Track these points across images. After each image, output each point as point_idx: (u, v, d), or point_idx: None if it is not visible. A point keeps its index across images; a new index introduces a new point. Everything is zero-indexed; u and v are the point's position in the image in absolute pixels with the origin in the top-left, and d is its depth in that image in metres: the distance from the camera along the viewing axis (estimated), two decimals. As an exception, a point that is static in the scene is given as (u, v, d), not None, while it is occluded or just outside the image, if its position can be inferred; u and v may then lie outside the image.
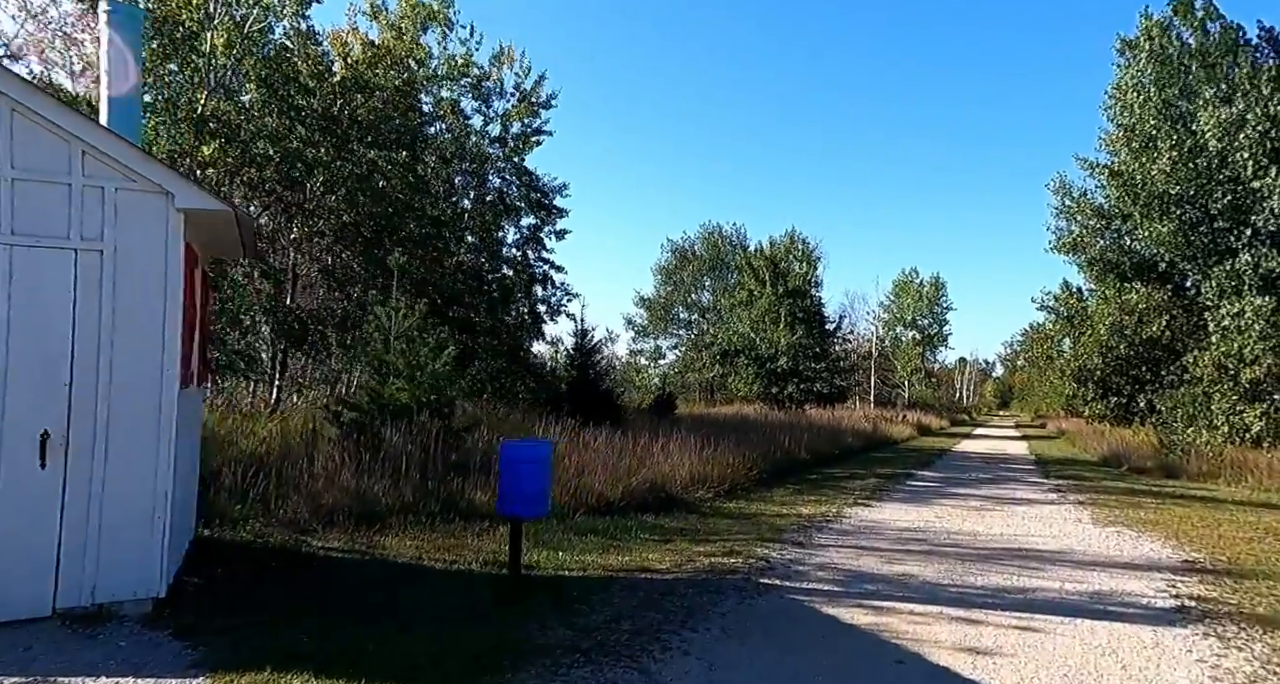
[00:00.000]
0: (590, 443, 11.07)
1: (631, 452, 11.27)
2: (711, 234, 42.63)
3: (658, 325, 43.27)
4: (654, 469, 10.51)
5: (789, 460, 14.74)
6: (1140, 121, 24.99)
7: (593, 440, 11.37)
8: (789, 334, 29.70)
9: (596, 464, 9.70)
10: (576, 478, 9.09)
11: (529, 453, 5.62)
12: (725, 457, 12.30)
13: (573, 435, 11.77)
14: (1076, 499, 11.68)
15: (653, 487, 9.74)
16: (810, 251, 32.17)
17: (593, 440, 11.37)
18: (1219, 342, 22.93)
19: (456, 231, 18.29)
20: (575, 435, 11.81)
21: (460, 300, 17.29)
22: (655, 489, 9.75)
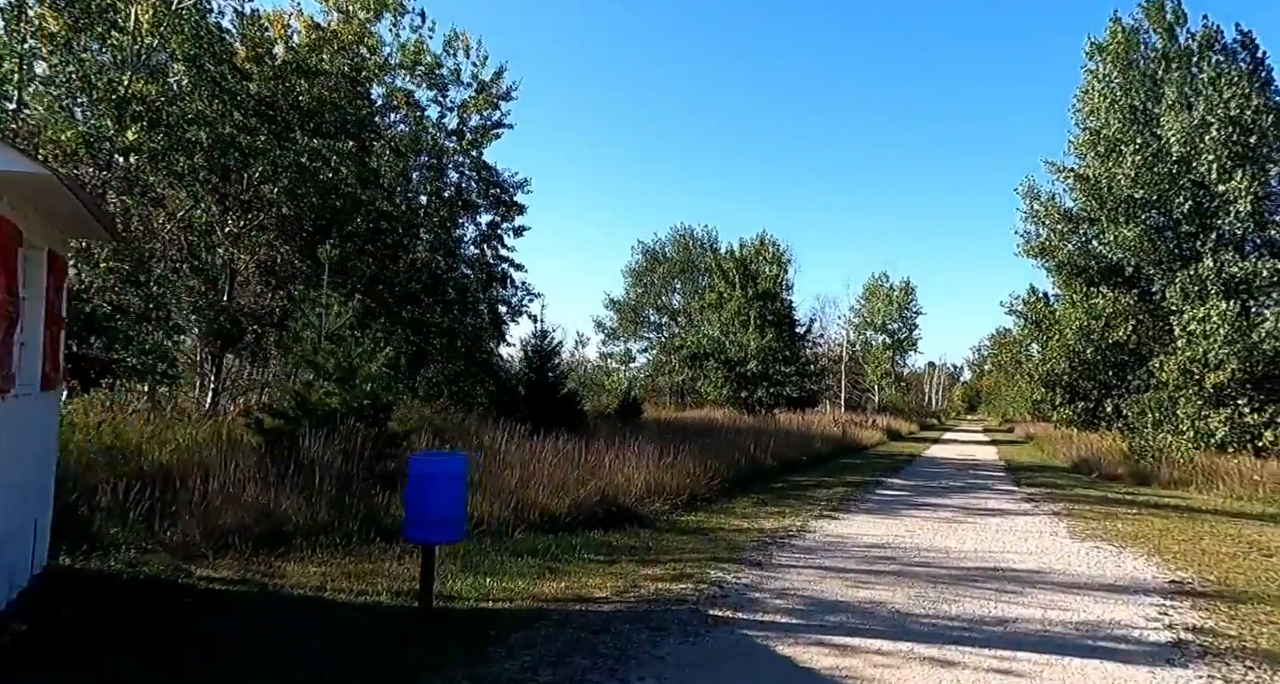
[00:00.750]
0: (538, 451, 10.27)
1: (584, 460, 10.52)
2: (682, 236, 42.04)
3: (628, 328, 42.53)
4: (607, 479, 9.75)
5: (754, 468, 14.07)
6: (1107, 126, 24.81)
7: (542, 448, 10.59)
8: (759, 337, 29.11)
9: (543, 475, 8.91)
10: (519, 490, 8.30)
11: (440, 468, 4.82)
12: (686, 465, 11.59)
13: (523, 443, 10.95)
14: (1051, 510, 11.12)
15: (604, 499, 8.97)
16: (781, 254, 31.67)
17: (542, 448, 10.59)
18: (1184, 346, 22.71)
19: (411, 227, 17.37)
20: (526, 443, 11.00)
21: (413, 300, 16.38)
22: (607, 502, 8.98)
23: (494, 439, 11.11)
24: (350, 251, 15.61)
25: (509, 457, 9.86)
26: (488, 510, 7.70)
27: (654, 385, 43.16)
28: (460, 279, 18.45)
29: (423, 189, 18.30)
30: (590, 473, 9.77)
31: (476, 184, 18.78)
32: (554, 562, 6.74)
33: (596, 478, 9.25)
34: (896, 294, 52.78)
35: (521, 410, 16.32)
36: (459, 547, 6.66)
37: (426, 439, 11.83)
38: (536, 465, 9.48)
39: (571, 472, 9.21)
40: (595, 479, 9.15)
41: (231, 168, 12.53)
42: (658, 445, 12.34)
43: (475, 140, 18.23)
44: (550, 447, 10.99)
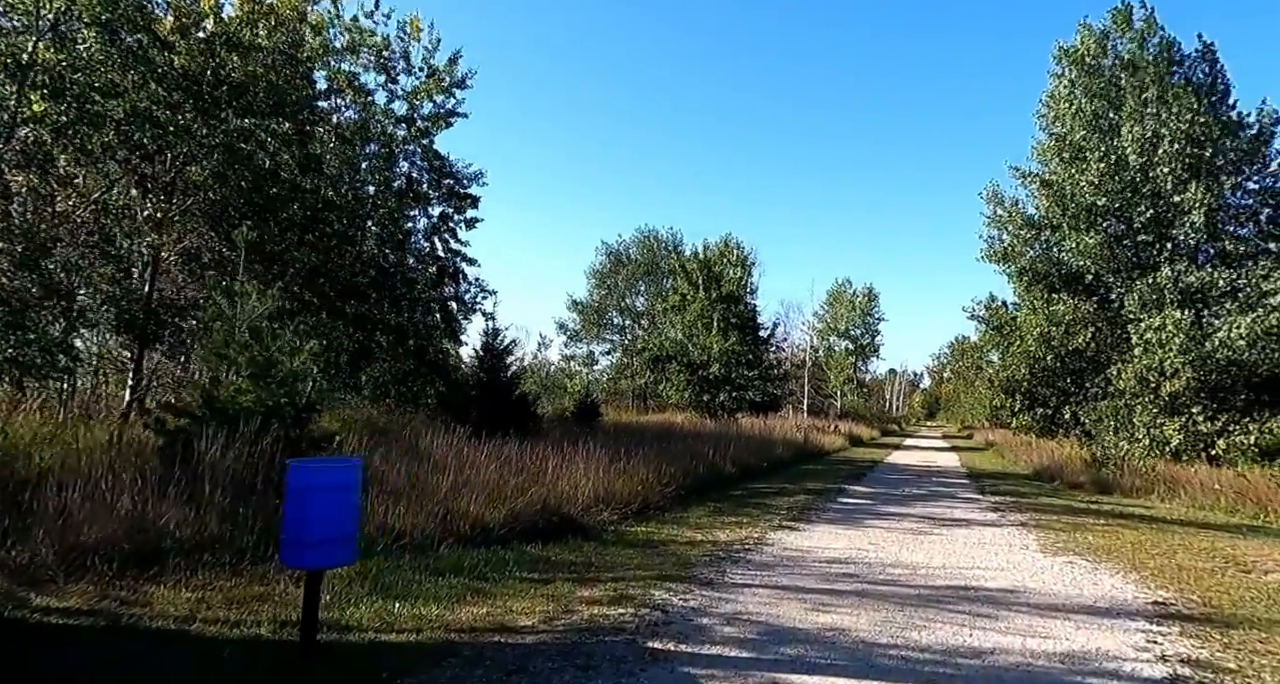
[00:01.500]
0: (479, 456, 9.46)
1: (529, 466, 9.74)
2: (647, 237, 41.36)
3: (590, 330, 41.70)
4: (550, 487, 8.97)
5: (713, 474, 13.40)
6: (1071, 132, 24.76)
7: (484, 453, 9.79)
8: (721, 340, 28.54)
9: (478, 482, 8.10)
10: (450, 499, 7.49)
11: (324, 478, 4.01)
12: (639, 471, 10.86)
13: (465, 446, 10.12)
14: (1018, 520, 10.62)
15: (545, 508, 8.19)
16: (745, 257, 31.16)
17: (484, 453, 9.79)
18: (1141, 355, 22.67)
19: (357, 218, 16.40)
20: (468, 447, 10.17)
21: (357, 294, 15.42)
22: (549, 511, 8.21)
23: (432, 442, 10.26)
24: (291, 241, 14.66)
25: (446, 461, 9.05)
26: (412, 522, 6.88)
27: (616, 389, 42.43)
28: (409, 273, 17.52)
29: (371, 179, 17.31)
30: (534, 480, 8.98)
31: (428, 174, 17.85)
32: (480, 581, 5.95)
33: (539, 485, 8.46)
34: (859, 300, 52.84)
35: (471, 412, 15.48)
36: (370, 565, 5.85)
37: (358, 442, 10.95)
38: (474, 471, 8.68)
39: (512, 478, 8.41)
40: (537, 487, 8.37)
41: (149, 146, 11.50)
42: (611, 450, 11.65)
43: (426, 128, 17.30)
44: (494, 451, 10.22)
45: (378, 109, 17.17)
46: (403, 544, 6.55)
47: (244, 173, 12.80)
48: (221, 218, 12.83)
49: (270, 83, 12.71)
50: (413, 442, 10.78)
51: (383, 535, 6.55)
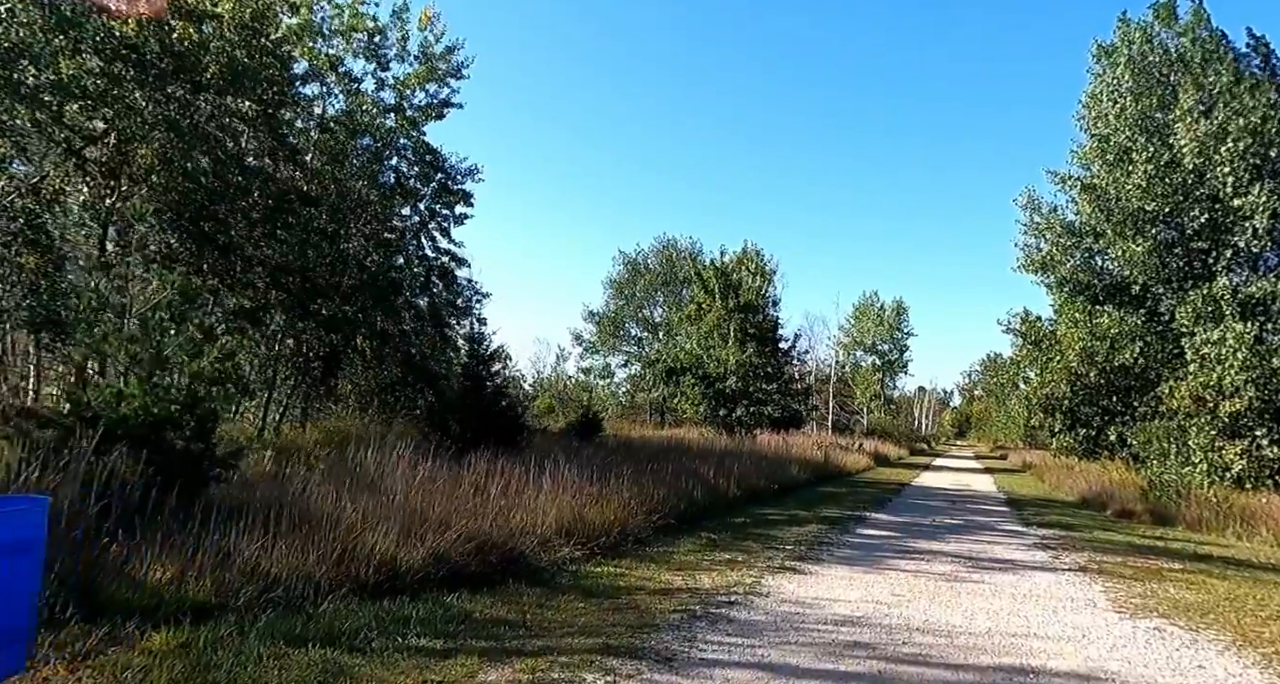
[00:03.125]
0: (429, 475, 7.87)
1: (489, 487, 8.15)
2: (666, 247, 39.81)
3: (607, 342, 40.16)
4: (501, 515, 7.34)
5: (713, 499, 11.66)
6: (1115, 132, 22.73)
7: (441, 471, 8.22)
8: (739, 351, 26.77)
9: (404, 510, 6.48)
10: (359, 533, 5.88)
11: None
12: (620, 495, 9.18)
13: (418, 464, 8.53)
14: (1075, 562, 8.72)
15: (486, 545, 6.54)
16: (764, 265, 29.41)
17: (441, 471, 8.22)
18: (1196, 371, 20.41)
19: (338, 213, 15.04)
20: (424, 464, 8.58)
21: (325, 294, 14.00)
22: (491, 548, 6.56)
23: (385, 459, 8.69)
24: (255, 235, 13.32)
25: (387, 482, 7.48)
26: (295, 564, 5.29)
27: (634, 403, 40.80)
28: (396, 274, 16.10)
29: (360, 173, 15.94)
30: (479, 506, 7.37)
31: (418, 168, 16.47)
32: (352, 655, 4.31)
33: (471, 517, 6.79)
34: (888, 314, 50.70)
35: (451, 425, 13.96)
36: (200, 634, 4.25)
37: (306, 458, 9.48)
38: (419, 495, 7.09)
39: (438, 505, 6.76)
40: (467, 518, 6.69)
41: (88, 125, 10.22)
42: (593, 469, 10.02)
43: (415, 118, 15.94)
44: (458, 469, 8.67)
45: (367, 98, 15.86)
46: (272, 597, 4.95)
47: (198, 157, 11.48)
48: (182, 207, 11.47)
49: (228, 56, 11.39)
50: (362, 459, 9.23)
51: (247, 584, 4.96)
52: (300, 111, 14.90)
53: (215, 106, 11.52)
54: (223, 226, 12.02)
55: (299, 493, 6.49)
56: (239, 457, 7.27)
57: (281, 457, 9.35)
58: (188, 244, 11.59)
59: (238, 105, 11.77)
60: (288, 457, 9.63)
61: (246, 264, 13.19)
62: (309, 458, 9.62)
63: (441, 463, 9.21)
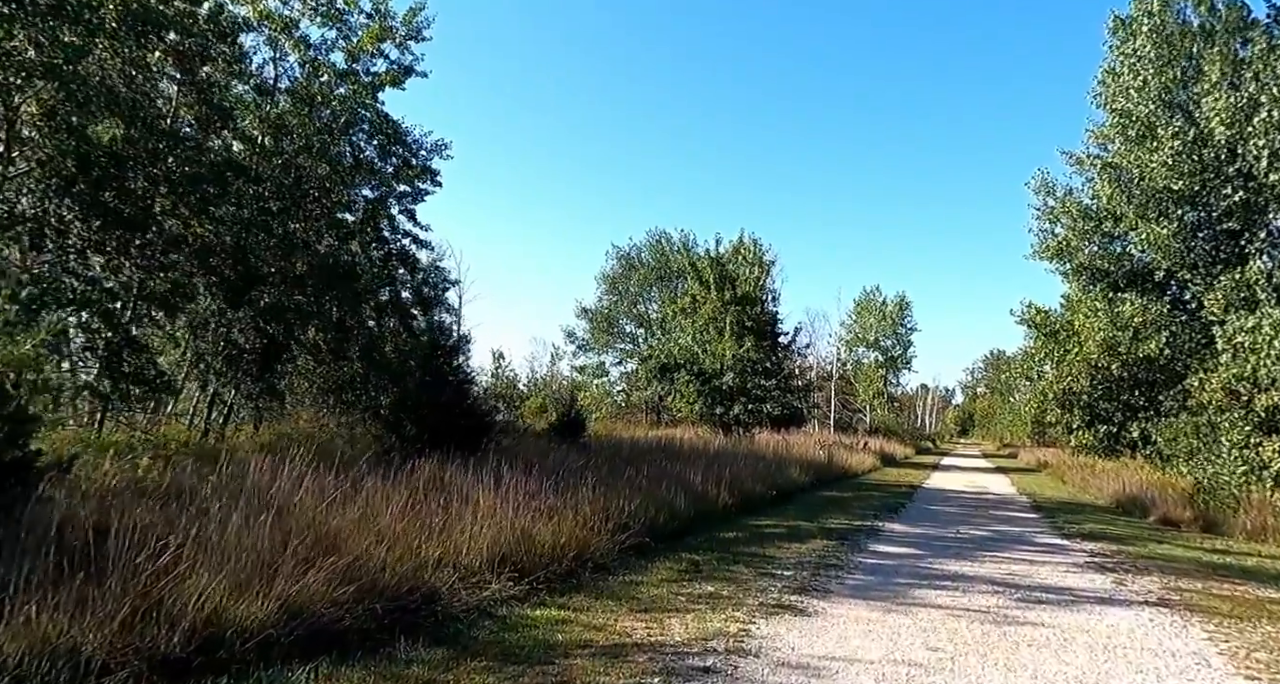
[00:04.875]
0: (331, 486, 6.11)
1: (415, 502, 6.40)
2: (659, 240, 38.01)
3: (601, 339, 38.40)
4: (413, 542, 5.57)
5: (700, 509, 9.88)
6: (1138, 106, 20.93)
7: (342, 482, 6.47)
8: (735, 346, 24.99)
9: (233, 546, 4.67)
10: (161, 582, 4.08)
11: None
12: (583, 508, 7.42)
13: (319, 474, 6.76)
14: (1148, 590, 6.92)
15: (371, 588, 4.76)
16: (762, 255, 27.64)
17: (342, 482, 6.47)
18: (1229, 362, 18.58)
19: (283, 190, 13.29)
20: (327, 475, 6.82)
21: (261, 279, 12.24)
22: (376, 592, 4.78)
23: (275, 469, 6.92)
24: (187, 212, 11.59)
25: (272, 495, 5.73)
26: (49, 632, 3.52)
27: (629, 402, 39.07)
28: (352, 259, 14.33)
29: (311, 146, 14.12)
30: (414, 527, 5.61)
31: (378, 141, 14.68)
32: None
33: (335, 554, 4.97)
34: (890, 309, 48.86)
35: (406, 425, 12.21)
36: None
37: (223, 467, 7.72)
38: (294, 517, 5.32)
39: (295, 540, 4.95)
40: (335, 557, 4.86)
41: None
42: (560, 476, 8.30)
43: (373, 84, 14.17)
44: (390, 479, 6.96)
45: (322, 64, 14.07)
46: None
47: (99, 115, 9.74)
48: (80, 172, 9.69)
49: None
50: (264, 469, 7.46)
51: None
52: (241, 73, 13.13)
53: (117, 55, 9.76)
54: (130, 198, 10.25)
55: (118, 514, 4.72)
56: (65, 467, 5.48)
57: (199, 464, 7.60)
58: (84, 216, 9.81)
59: (147, 57, 10.01)
60: (206, 464, 7.91)
61: (172, 244, 11.45)
62: (219, 467, 7.85)
63: (377, 472, 7.52)
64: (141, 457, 7.42)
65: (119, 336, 10.13)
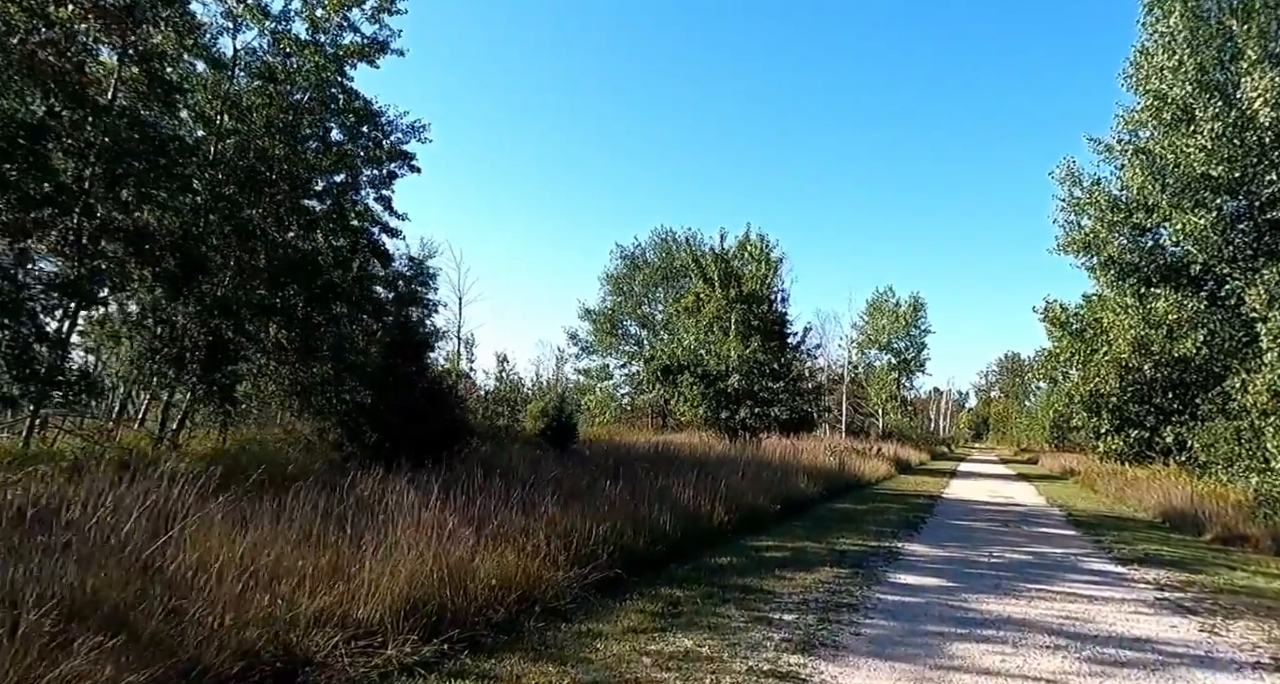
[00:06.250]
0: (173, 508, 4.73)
1: (321, 531, 5.03)
2: (664, 239, 36.56)
3: (605, 341, 36.99)
4: (252, 599, 4.16)
5: (691, 528, 8.40)
6: (1174, 87, 19.28)
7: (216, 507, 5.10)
8: (740, 346, 23.52)
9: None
10: None
11: None
12: (537, 532, 6.00)
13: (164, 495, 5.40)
14: (1245, 639, 5.39)
15: (185, 672, 3.35)
16: (768, 251, 26.15)
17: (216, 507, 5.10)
18: (1275, 362, 16.89)
19: (236, 171, 12.00)
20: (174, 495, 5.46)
21: (210, 270, 10.92)
22: (198, 675, 3.37)
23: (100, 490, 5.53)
24: (128, 195, 10.33)
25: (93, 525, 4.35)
26: None
27: (635, 405, 37.65)
28: (313, 250, 13.01)
29: (272, 125, 12.80)
30: (277, 569, 4.20)
31: (346, 119, 13.36)
32: None
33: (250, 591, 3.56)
34: (904, 310, 47.14)
35: (366, 432, 10.86)
36: None
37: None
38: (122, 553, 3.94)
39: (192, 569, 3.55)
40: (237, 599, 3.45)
41: None
42: (522, 490, 6.92)
43: (339, 56, 12.87)
44: (295, 499, 5.60)
45: (284, 35, 12.78)
46: None
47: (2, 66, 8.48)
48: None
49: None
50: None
51: None
52: (193, 45, 11.87)
53: (34, 17, 8.48)
54: (43, 173, 8.94)
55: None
56: None
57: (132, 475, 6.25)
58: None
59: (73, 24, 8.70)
60: (142, 476, 6.58)
61: (103, 229, 10.16)
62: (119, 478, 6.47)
63: (313, 488, 6.17)
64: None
65: (29, 331, 8.85)
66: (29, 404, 9.04)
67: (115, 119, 9.85)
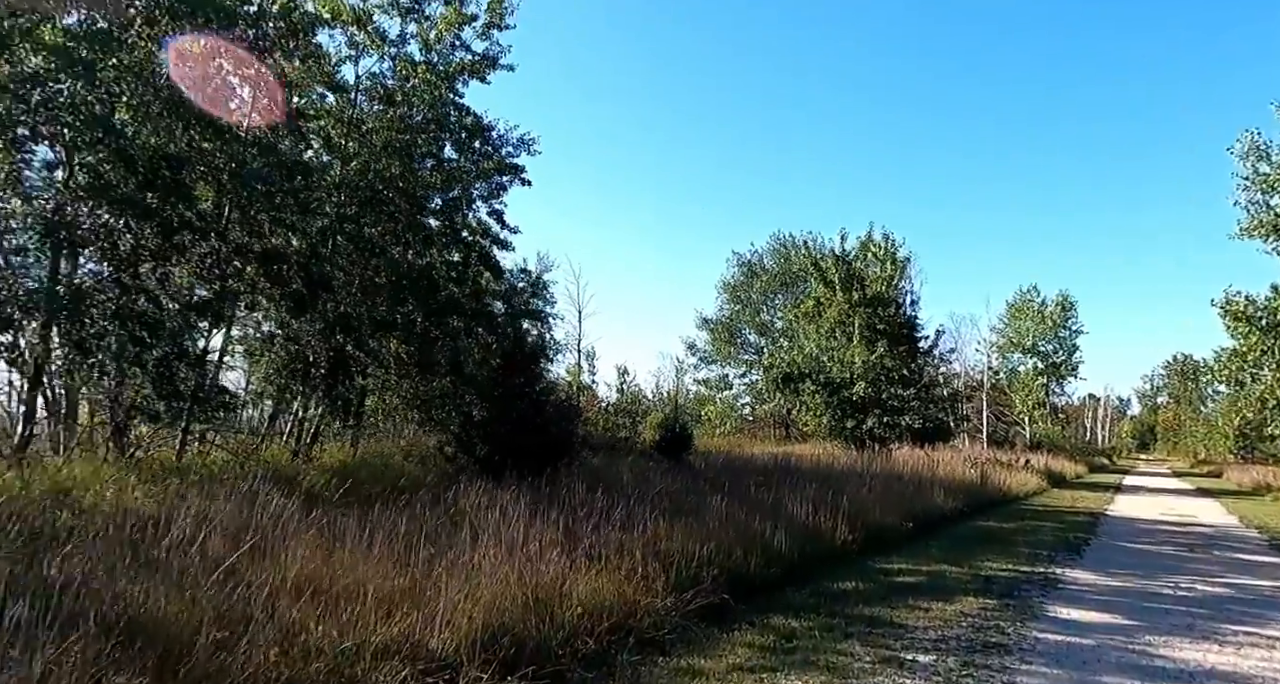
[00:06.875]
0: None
1: (391, 551, 4.79)
2: (783, 245, 35.41)
3: (723, 350, 36.25)
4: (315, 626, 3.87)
5: (810, 547, 7.61)
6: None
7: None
8: (866, 352, 22.13)
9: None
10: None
11: None
12: (633, 551, 5.50)
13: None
14: None
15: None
16: (894, 251, 24.53)
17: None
18: None
19: (357, 191, 12.42)
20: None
21: (330, 287, 11.27)
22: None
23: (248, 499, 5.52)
24: (262, 218, 10.90)
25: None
26: None
27: (755, 415, 36.68)
28: (427, 265, 13.26)
29: (390, 147, 13.19)
30: (364, 589, 3.95)
31: (459, 135, 13.57)
32: None
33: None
34: (1050, 311, 43.12)
35: (477, 445, 10.82)
36: None
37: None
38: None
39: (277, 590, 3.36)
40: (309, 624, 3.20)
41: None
42: (627, 504, 6.49)
43: (450, 73, 13.09)
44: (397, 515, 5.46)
45: (401, 58, 13.18)
46: None
47: (149, 102, 9.09)
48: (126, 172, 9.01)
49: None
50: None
51: None
52: (318, 72, 12.42)
53: (152, 41, 9.02)
54: (183, 201, 9.49)
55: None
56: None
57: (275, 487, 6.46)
58: (127, 220, 9.10)
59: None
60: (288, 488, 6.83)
61: (237, 251, 10.73)
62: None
63: (418, 502, 6.07)
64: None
65: (170, 350, 9.40)
66: (174, 419, 9.59)
67: (249, 148, 10.38)
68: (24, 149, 8.54)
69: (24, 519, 4.83)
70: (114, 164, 8.79)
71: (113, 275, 9.22)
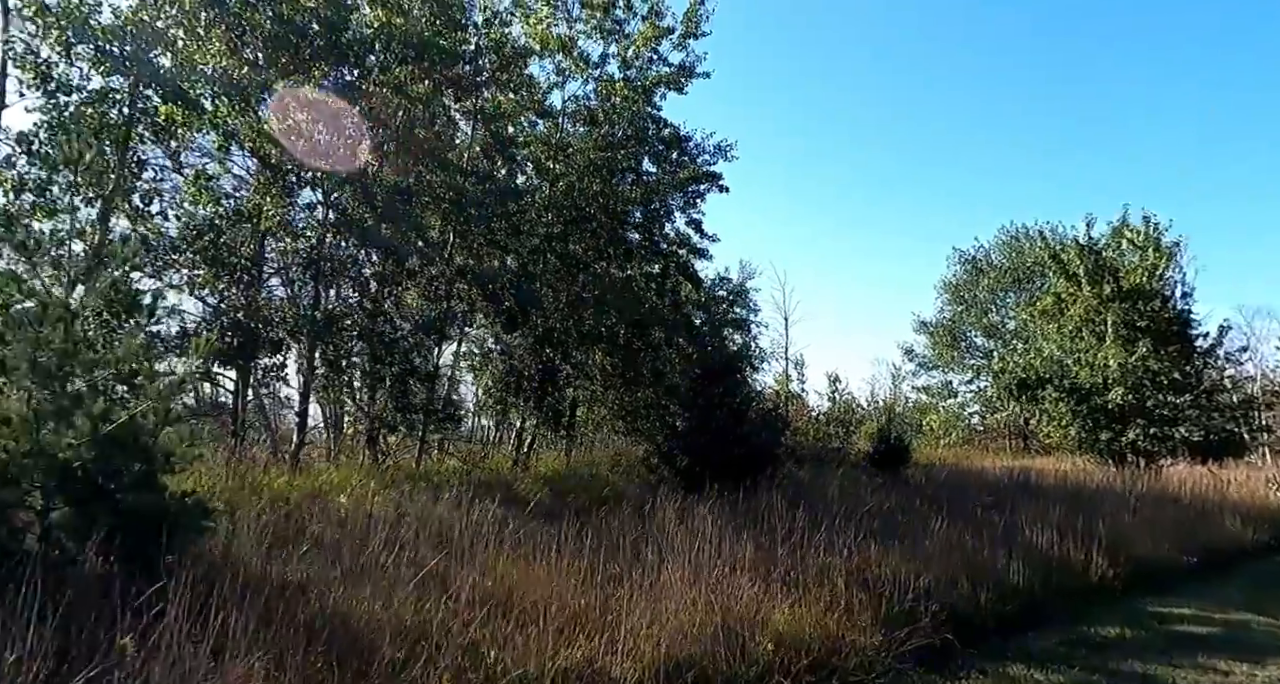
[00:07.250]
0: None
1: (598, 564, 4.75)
2: (1014, 238, 31.74)
3: (944, 355, 33.30)
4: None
5: (1055, 580, 6.43)
6: None
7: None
8: (1123, 353, 18.90)
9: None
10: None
11: None
12: (834, 581, 4.96)
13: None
14: None
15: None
16: (1158, 237, 20.76)
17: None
18: None
19: (562, 210, 12.96)
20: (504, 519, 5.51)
21: (537, 302, 11.80)
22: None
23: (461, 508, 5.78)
24: (480, 243, 11.79)
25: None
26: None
27: (986, 425, 33.23)
28: (627, 278, 13.48)
29: (594, 163, 13.64)
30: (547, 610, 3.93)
31: (655, 147, 13.68)
32: None
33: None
34: (1382, 295, 34.34)
35: (678, 458, 10.71)
36: None
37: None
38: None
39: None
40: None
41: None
42: (831, 522, 6.00)
43: (646, 87, 13.23)
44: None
45: (604, 79, 13.63)
46: None
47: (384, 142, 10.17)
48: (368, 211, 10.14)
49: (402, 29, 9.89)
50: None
51: None
52: (528, 101, 13.18)
53: (384, 86, 10.04)
54: (414, 230, 10.48)
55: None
56: (200, 516, 4.67)
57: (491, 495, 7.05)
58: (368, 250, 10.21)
59: (398, 75, 10.06)
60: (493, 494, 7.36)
61: (459, 273, 11.66)
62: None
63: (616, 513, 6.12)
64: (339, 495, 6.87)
65: (403, 366, 10.37)
66: (410, 430, 10.59)
67: (467, 177, 11.25)
68: (292, 194, 9.92)
69: (289, 518, 5.45)
70: (359, 201, 9.93)
71: (358, 301, 10.42)
